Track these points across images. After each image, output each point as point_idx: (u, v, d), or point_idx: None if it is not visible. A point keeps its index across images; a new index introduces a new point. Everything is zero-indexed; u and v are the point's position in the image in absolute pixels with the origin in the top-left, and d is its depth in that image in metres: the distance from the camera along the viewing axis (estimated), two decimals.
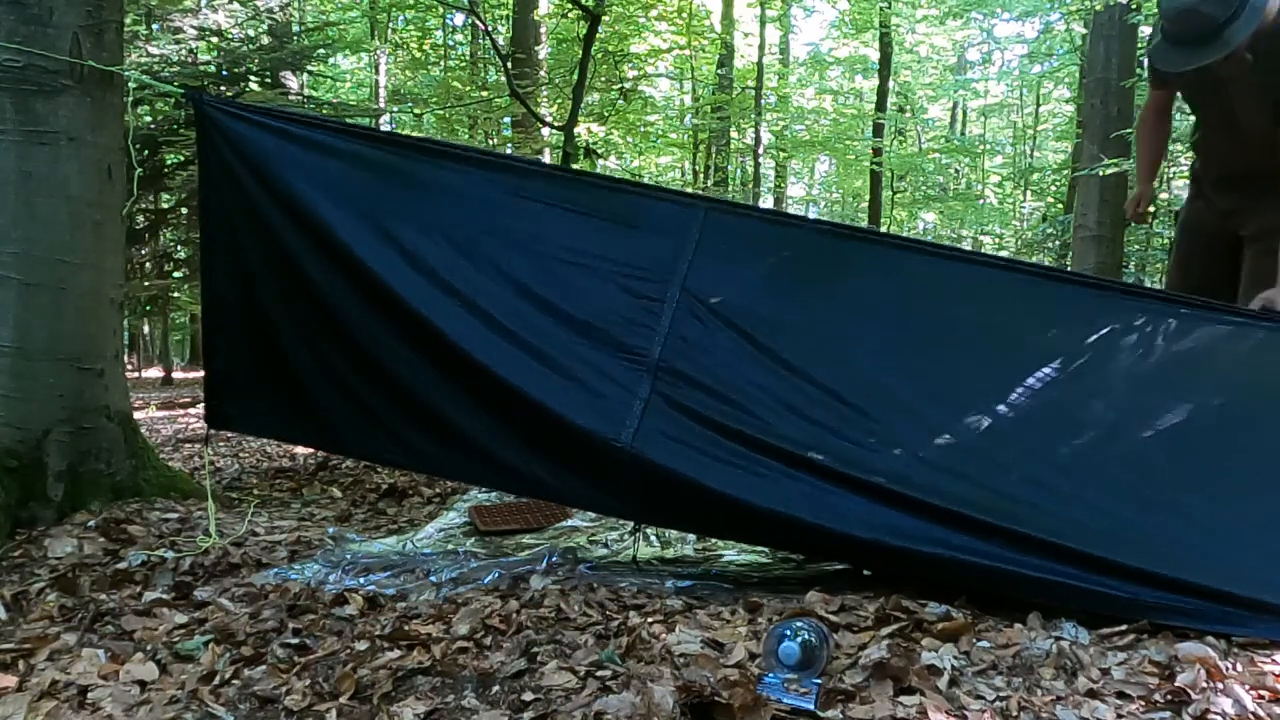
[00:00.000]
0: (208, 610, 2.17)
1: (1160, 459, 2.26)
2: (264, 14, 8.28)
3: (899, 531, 2.15)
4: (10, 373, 2.81)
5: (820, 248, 2.66)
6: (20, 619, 2.16)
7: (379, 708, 1.67)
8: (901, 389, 2.39)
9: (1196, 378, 2.38)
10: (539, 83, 9.75)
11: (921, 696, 1.60)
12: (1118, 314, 2.45)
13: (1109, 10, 6.71)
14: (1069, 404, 2.35)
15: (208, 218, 3.04)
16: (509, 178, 2.80)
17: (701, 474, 2.29)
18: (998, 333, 2.48)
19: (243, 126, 2.86)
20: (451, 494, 3.49)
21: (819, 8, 20.64)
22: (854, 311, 2.52)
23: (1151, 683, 1.63)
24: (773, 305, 2.52)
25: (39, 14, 2.79)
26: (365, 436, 2.83)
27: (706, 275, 2.53)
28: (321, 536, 2.86)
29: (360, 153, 2.85)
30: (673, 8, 12.67)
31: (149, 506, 2.99)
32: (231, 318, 2.99)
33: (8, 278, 2.81)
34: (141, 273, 8.41)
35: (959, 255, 2.93)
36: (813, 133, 18.14)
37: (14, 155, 2.80)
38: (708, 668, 1.69)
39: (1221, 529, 2.11)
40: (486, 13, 11.88)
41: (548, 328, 2.54)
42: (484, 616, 2.05)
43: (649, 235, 2.60)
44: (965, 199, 19.04)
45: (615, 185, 2.99)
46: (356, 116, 10.25)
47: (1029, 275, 2.66)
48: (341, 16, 13.39)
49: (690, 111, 17.57)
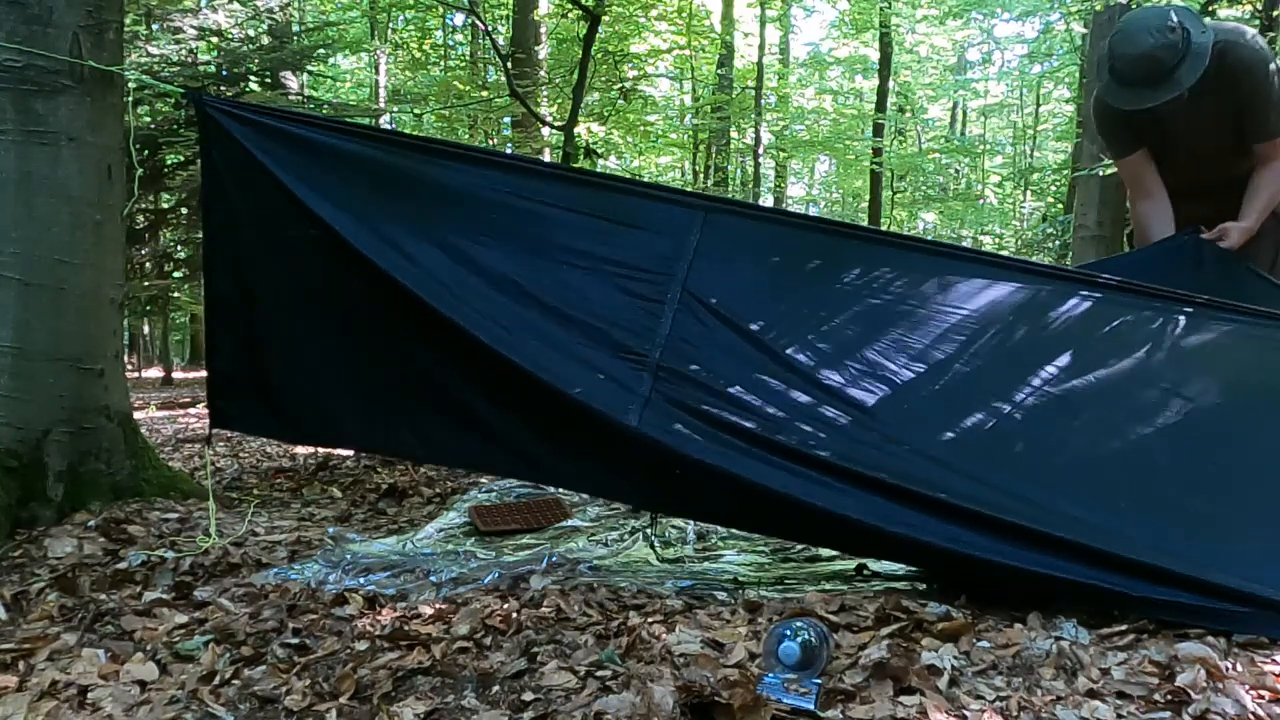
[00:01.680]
0: (208, 610, 2.17)
1: (1162, 455, 2.26)
2: (264, 14, 8.28)
3: (908, 524, 2.15)
4: (10, 373, 2.81)
5: (819, 246, 2.67)
6: (20, 619, 2.16)
7: (379, 708, 1.67)
8: (907, 386, 2.39)
9: (1200, 373, 2.39)
10: (539, 83, 9.75)
11: (921, 696, 1.60)
12: (1124, 310, 2.47)
13: (1109, 10, 6.71)
14: (1068, 400, 2.35)
15: (210, 218, 3.05)
16: (511, 177, 2.80)
17: (704, 454, 2.29)
18: (1002, 330, 2.48)
19: (244, 127, 2.87)
20: (451, 494, 3.49)
21: (819, 8, 20.69)
22: (855, 309, 2.52)
23: (1151, 683, 1.63)
24: (774, 304, 2.53)
25: (39, 14, 2.79)
26: (372, 429, 2.84)
27: (707, 275, 2.54)
28: (321, 536, 2.86)
29: (362, 152, 2.86)
30: (673, 8, 12.67)
31: (149, 506, 2.99)
32: (234, 317, 2.99)
33: (8, 278, 2.81)
34: (141, 273, 8.41)
35: (959, 254, 2.93)
36: (813, 133, 18.15)
37: (14, 155, 2.80)
38: (708, 668, 1.69)
39: (1223, 525, 2.11)
40: (486, 13, 11.89)
41: (546, 328, 2.54)
42: (484, 616, 2.05)
43: (650, 236, 2.61)
44: (965, 199, 19.07)
45: (616, 186, 3.01)
46: (356, 116, 10.26)
47: (1028, 273, 2.66)
48: (341, 16, 13.41)
49: (690, 111, 17.58)
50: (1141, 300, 2.51)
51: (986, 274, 2.58)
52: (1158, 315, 2.45)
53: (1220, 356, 2.43)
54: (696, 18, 13.56)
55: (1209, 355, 2.43)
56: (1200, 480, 2.21)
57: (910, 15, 16.65)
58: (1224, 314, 2.48)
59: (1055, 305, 2.50)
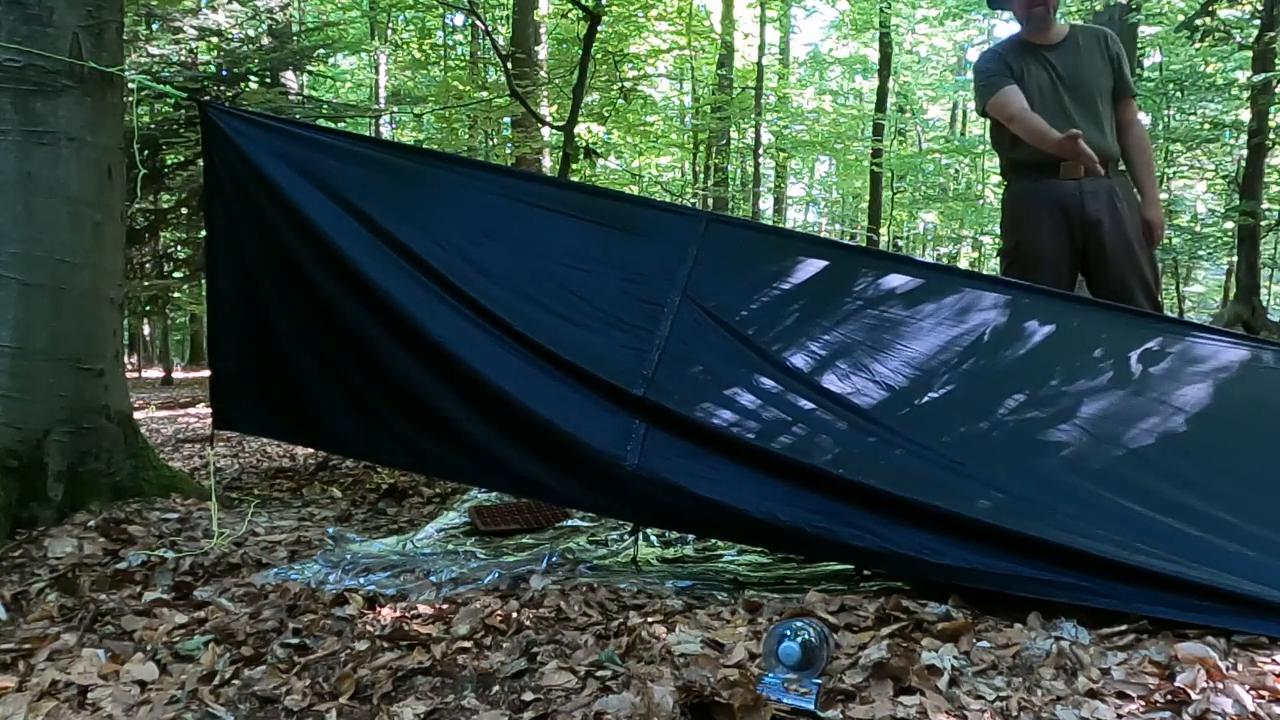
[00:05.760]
0: (208, 610, 2.17)
1: (1161, 457, 2.27)
2: (264, 14, 8.27)
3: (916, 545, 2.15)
4: (10, 373, 2.81)
5: (816, 260, 2.74)
6: (20, 619, 2.16)
7: (379, 708, 1.67)
8: (905, 395, 2.41)
9: (1186, 385, 2.45)
10: (539, 83, 9.74)
11: (921, 696, 1.60)
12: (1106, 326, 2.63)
13: (1109, 10, 6.72)
14: (1063, 403, 2.39)
15: (213, 223, 3.06)
16: (512, 183, 2.84)
17: (700, 486, 2.30)
18: (1002, 343, 2.54)
19: (248, 132, 2.88)
20: (451, 494, 3.49)
21: (819, 8, 20.68)
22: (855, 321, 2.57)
23: (1151, 683, 1.63)
24: (771, 312, 2.56)
25: (39, 14, 2.79)
26: (368, 437, 2.85)
27: (707, 283, 2.56)
28: (321, 536, 2.86)
29: (364, 159, 2.87)
30: (673, 8, 12.67)
31: (149, 506, 2.99)
32: (236, 321, 3.00)
33: (8, 278, 2.81)
34: (141, 273, 8.40)
35: (949, 271, 3.05)
36: (812, 133, 18.13)
37: (14, 155, 2.80)
38: (708, 668, 1.69)
39: (1224, 526, 2.11)
40: (486, 13, 11.88)
41: (549, 333, 2.55)
42: (484, 616, 2.05)
43: (652, 244, 2.66)
44: (965, 199, 19.04)
45: (620, 198, 3.10)
46: (356, 117, 10.26)
47: (1013, 289, 2.73)
48: (341, 16, 13.40)
49: (690, 112, 17.58)
50: (1123, 317, 2.67)
51: (975, 287, 2.68)
52: (1139, 330, 2.58)
53: (1208, 369, 2.50)
54: (696, 18, 13.56)
55: (1197, 368, 2.49)
56: (1202, 483, 2.22)
57: (910, 16, 16.65)
58: (1205, 332, 2.62)
59: (1040, 317, 2.59)
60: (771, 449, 2.29)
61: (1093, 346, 2.55)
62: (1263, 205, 8.75)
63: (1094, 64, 3.28)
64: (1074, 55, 3.28)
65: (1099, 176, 3.17)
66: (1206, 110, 10.60)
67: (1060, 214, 3.19)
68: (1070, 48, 3.29)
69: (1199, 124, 10.53)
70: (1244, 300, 8.09)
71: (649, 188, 16.18)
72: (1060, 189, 3.18)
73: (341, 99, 14.78)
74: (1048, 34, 3.29)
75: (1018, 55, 3.32)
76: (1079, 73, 3.26)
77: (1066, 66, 3.26)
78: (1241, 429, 2.38)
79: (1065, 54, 3.28)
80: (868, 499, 2.17)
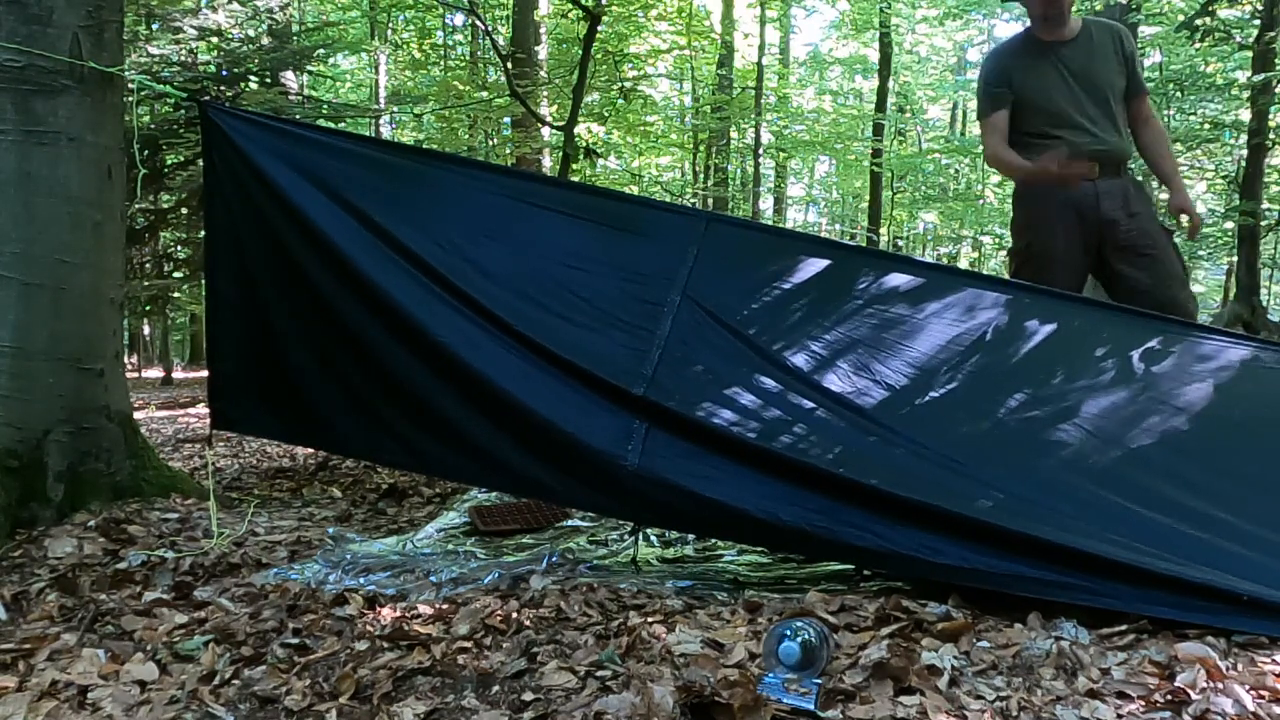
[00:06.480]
0: (208, 610, 2.17)
1: (1161, 457, 2.27)
2: (264, 14, 8.27)
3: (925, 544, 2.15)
4: (10, 373, 2.80)
5: (816, 260, 2.74)
6: (20, 619, 2.16)
7: (379, 708, 1.67)
8: (905, 395, 2.41)
9: (1195, 387, 2.45)
10: (539, 83, 9.74)
11: (921, 696, 1.59)
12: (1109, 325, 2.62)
13: (1109, 10, 6.71)
14: (1064, 403, 2.39)
15: (212, 223, 3.06)
16: (512, 183, 2.84)
17: (701, 486, 2.30)
18: (1002, 342, 2.54)
19: (247, 132, 2.88)
20: (451, 494, 3.49)
21: (819, 8, 20.66)
22: (856, 320, 2.57)
23: (1151, 683, 1.63)
24: (772, 312, 2.56)
25: (39, 14, 2.79)
26: (368, 437, 2.85)
27: (707, 283, 2.56)
28: (321, 536, 2.86)
29: (364, 159, 2.87)
30: (673, 8, 12.66)
31: (149, 506, 2.98)
32: (236, 321, 3.00)
33: (8, 278, 2.81)
34: (141, 273, 8.40)
35: (950, 270, 3.06)
36: (812, 133, 18.13)
37: (14, 155, 2.80)
38: (708, 668, 1.69)
39: (1224, 526, 2.12)
40: (486, 13, 11.88)
41: (549, 333, 2.55)
42: (484, 616, 2.05)
43: (652, 244, 2.66)
44: (965, 199, 19.05)
45: (620, 198, 3.10)
46: (356, 117, 10.26)
47: (1013, 288, 2.73)
48: (341, 16, 13.40)
49: (690, 111, 17.57)
50: (1124, 317, 2.67)
51: (976, 287, 2.68)
52: (1140, 330, 2.58)
53: (1208, 369, 2.50)
54: (696, 18, 13.56)
55: (1197, 368, 2.50)
56: (1203, 483, 2.22)
57: (910, 15, 16.65)
58: (1205, 332, 2.63)
59: (1040, 316, 2.59)
60: (772, 449, 2.29)
61: (1093, 346, 2.55)
62: (1263, 205, 8.76)
63: (1107, 62, 3.26)
64: (1087, 52, 3.25)
65: (1114, 177, 3.18)
66: (1206, 110, 10.61)
67: (1075, 215, 3.18)
68: (1083, 44, 3.27)
69: (1199, 124, 10.54)
70: (1244, 300, 8.09)
71: (649, 188, 16.18)
72: (1075, 191, 3.17)
73: (341, 99, 14.78)
74: (1061, 31, 3.27)
75: (1024, 55, 3.31)
76: (1092, 71, 3.24)
77: (1079, 64, 3.24)
78: (1242, 429, 2.38)
79: (1078, 51, 3.25)
80: (868, 499, 2.17)
